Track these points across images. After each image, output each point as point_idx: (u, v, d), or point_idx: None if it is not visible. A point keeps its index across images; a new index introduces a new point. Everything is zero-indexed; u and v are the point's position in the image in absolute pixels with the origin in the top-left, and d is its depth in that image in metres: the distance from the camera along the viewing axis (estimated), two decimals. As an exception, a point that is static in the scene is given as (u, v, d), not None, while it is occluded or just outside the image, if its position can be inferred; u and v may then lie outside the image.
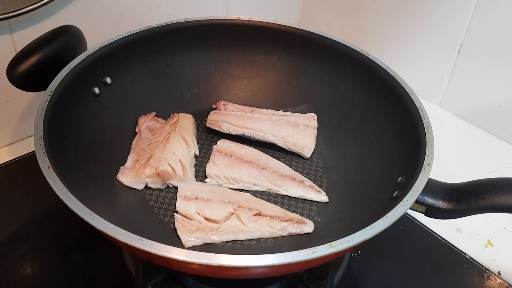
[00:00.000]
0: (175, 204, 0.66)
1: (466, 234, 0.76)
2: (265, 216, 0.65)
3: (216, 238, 0.63)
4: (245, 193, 0.69)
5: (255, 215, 0.65)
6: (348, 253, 0.69)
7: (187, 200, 0.66)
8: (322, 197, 0.71)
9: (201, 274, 0.60)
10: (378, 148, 0.71)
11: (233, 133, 0.79)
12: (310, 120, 0.81)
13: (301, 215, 0.68)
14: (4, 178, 0.78)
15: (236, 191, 0.69)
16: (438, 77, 1.00)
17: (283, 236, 0.65)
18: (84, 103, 0.70)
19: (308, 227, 0.65)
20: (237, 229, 0.64)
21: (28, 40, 0.69)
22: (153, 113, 0.80)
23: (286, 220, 0.65)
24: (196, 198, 0.66)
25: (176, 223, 0.64)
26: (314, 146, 0.79)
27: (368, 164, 0.72)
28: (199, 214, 0.64)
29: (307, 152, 0.77)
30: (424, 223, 0.76)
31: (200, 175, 0.74)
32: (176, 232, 0.63)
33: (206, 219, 0.64)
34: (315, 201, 0.71)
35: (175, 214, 0.65)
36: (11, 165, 0.81)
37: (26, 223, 0.71)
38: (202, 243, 0.62)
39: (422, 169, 0.56)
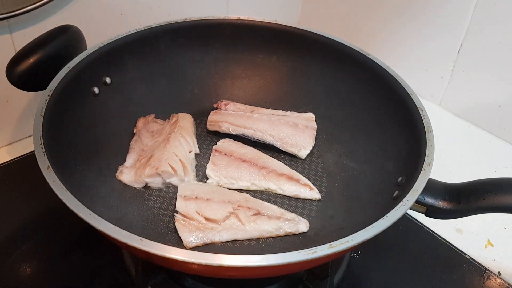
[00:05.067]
0: (175, 204, 0.66)
1: (466, 234, 0.76)
2: (264, 215, 0.65)
3: (216, 238, 0.63)
4: (245, 193, 0.70)
5: (254, 214, 0.65)
6: (348, 253, 0.69)
7: (187, 199, 0.66)
8: (315, 194, 0.71)
9: (201, 274, 0.60)
10: (378, 148, 0.71)
11: (233, 133, 0.79)
12: (309, 121, 0.81)
13: (301, 215, 0.68)
14: (4, 178, 0.78)
15: (235, 191, 0.69)
16: (438, 77, 1.00)
17: (283, 236, 0.65)
18: (83, 102, 0.70)
19: (303, 226, 0.65)
20: (236, 228, 0.64)
21: (27, 40, 0.69)
22: (152, 115, 0.80)
23: (283, 220, 0.65)
24: (196, 197, 0.66)
25: (176, 223, 0.64)
26: (311, 147, 0.78)
27: (368, 164, 0.72)
28: (199, 214, 0.64)
29: (303, 154, 0.77)
30: (424, 223, 0.76)
31: (200, 175, 0.74)
32: (176, 232, 0.63)
33: (206, 219, 0.64)
34: (312, 200, 0.71)
35: (175, 214, 0.65)
36: (10, 165, 0.81)
37: (25, 223, 0.71)
38: (203, 243, 0.62)
39: (422, 169, 0.56)
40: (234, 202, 0.66)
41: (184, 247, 0.61)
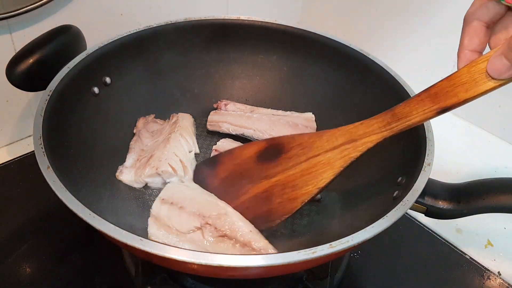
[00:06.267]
0: (175, 204, 0.66)
1: (466, 234, 0.76)
2: (230, 240, 0.59)
3: (179, 246, 0.58)
4: (227, 206, 0.63)
5: (220, 236, 0.59)
6: (348, 253, 0.69)
7: (163, 203, 0.63)
8: None
9: (201, 274, 0.60)
10: (378, 148, 0.71)
11: (233, 133, 0.79)
12: (309, 121, 0.81)
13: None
14: (4, 178, 0.78)
15: (219, 200, 0.64)
16: (438, 77, 1.00)
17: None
18: (83, 103, 0.70)
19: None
20: (198, 245, 0.59)
21: (27, 40, 0.69)
22: (152, 115, 0.80)
23: (249, 249, 0.58)
24: (171, 203, 0.63)
25: (150, 218, 0.63)
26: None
27: (368, 164, 0.72)
28: (168, 220, 0.61)
29: None
30: (424, 223, 0.76)
31: (200, 175, 0.74)
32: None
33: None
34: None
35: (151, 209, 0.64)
36: (10, 165, 0.81)
37: (25, 223, 0.71)
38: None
39: (422, 169, 0.56)
40: (206, 216, 0.61)
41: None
